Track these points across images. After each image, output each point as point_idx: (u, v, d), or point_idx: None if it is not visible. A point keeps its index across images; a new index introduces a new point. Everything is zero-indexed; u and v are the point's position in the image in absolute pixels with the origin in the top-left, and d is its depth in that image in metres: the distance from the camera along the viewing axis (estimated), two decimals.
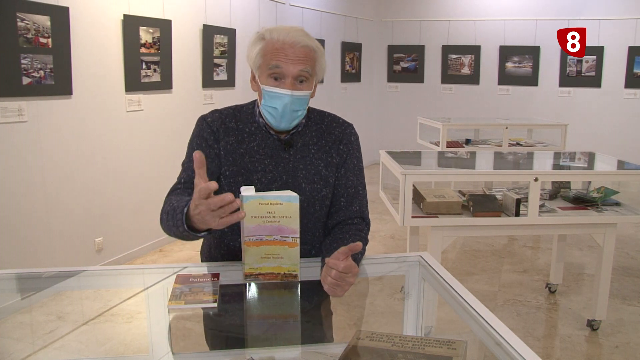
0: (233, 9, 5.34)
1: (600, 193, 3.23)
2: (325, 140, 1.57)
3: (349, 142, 1.59)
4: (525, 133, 6.37)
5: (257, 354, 1.34)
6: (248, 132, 1.53)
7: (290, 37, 1.42)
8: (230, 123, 1.53)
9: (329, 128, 1.59)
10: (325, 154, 1.56)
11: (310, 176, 1.53)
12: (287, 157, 1.52)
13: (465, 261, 4.40)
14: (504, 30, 7.86)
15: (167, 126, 4.58)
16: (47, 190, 3.59)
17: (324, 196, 1.54)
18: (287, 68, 1.41)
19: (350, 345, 1.24)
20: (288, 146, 1.53)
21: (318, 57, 1.47)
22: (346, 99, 8.09)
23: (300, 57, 1.42)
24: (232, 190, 1.49)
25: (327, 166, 1.55)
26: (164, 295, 1.41)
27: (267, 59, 1.43)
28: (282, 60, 1.41)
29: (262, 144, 1.52)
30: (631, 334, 3.20)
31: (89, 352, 2.84)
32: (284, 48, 1.41)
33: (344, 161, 1.57)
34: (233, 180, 1.50)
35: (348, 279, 1.30)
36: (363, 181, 1.61)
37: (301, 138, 1.55)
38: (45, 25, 3.42)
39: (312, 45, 1.45)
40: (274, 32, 1.44)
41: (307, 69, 1.44)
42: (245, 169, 1.50)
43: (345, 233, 1.51)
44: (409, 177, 2.87)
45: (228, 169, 1.50)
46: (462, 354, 1.17)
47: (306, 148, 1.54)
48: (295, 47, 1.42)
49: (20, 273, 1.59)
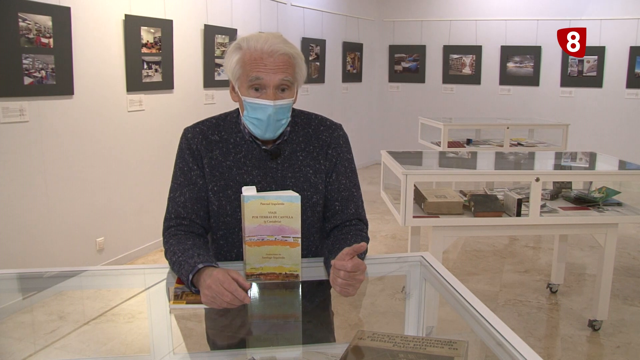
0: (234, 9, 5.34)
1: (601, 193, 3.22)
2: (313, 145, 1.54)
3: (338, 145, 1.56)
4: (527, 133, 6.37)
5: (258, 354, 1.34)
6: (233, 143, 1.51)
7: (268, 46, 1.39)
8: (213, 136, 1.51)
9: (317, 132, 1.56)
10: (314, 160, 1.53)
11: (299, 184, 1.51)
12: (274, 167, 1.50)
13: (467, 261, 4.40)
14: (505, 30, 7.86)
15: (168, 126, 4.59)
16: (49, 190, 3.59)
17: (315, 203, 1.53)
18: (268, 78, 1.39)
19: (351, 345, 1.24)
20: (275, 156, 1.50)
21: (298, 63, 1.44)
22: (347, 99, 8.09)
23: (279, 65, 1.39)
24: (223, 203, 1.49)
25: (316, 173, 1.53)
26: (165, 295, 1.41)
27: (246, 69, 1.40)
28: (262, 71, 1.39)
29: (249, 154, 1.50)
30: (632, 335, 3.19)
31: (90, 352, 2.85)
32: (262, 58, 1.39)
33: (334, 165, 1.55)
34: (222, 195, 1.49)
35: (358, 276, 1.29)
36: (356, 182, 1.59)
37: (288, 146, 1.52)
38: (47, 25, 3.42)
39: (291, 52, 1.42)
40: (251, 40, 1.41)
41: (287, 78, 1.41)
42: (233, 181, 1.48)
43: (346, 234, 1.50)
44: (410, 177, 2.87)
45: (216, 184, 1.49)
46: (464, 354, 1.17)
47: (294, 156, 1.52)
48: (274, 56, 1.39)
49: (21, 273, 1.59)
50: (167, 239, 1.47)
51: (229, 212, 1.49)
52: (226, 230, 1.52)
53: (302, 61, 1.46)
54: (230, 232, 1.51)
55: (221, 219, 1.50)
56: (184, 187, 1.49)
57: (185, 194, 1.48)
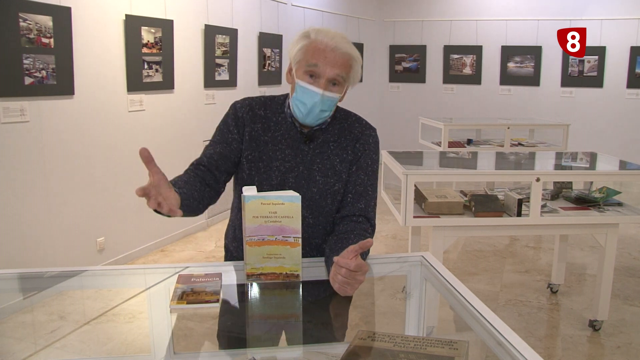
0: (235, 9, 5.34)
1: (602, 193, 3.22)
2: (345, 137, 1.62)
3: (367, 142, 1.63)
4: (527, 133, 6.37)
5: (259, 354, 1.34)
6: (275, 121, 1.60)
7: (333, 42, 1.48)
8: (259, 111, 1.60)
9: (351, 127, 1.65)
10: (342, 150, 1.61)
11: (325, 170, 1.58)
12: (306, 150, 1.58)
13: (467, 261, 4.40)
14: (506, 30, 7.86)
15: (168, 126, 4.59)
16: (49, 190, 3.59)
17: (336, 191, 1.58)
18: (324, 69, 1.48)
19: (352, 345, 1.24)
20: (309, 140, 1.58)
21: (354, 65, 1.54)
22: (348, 99, 7.96)
23: (338, 61, 1.49)
24: (252, 173, 1.57)
25: (341, 162, 1.60)
26: (165, 295, 1.41)
27: (307, 56, 1.50)
28: (321, 61, 1.48)
29: (286, 134, 1.58)
30: (633, 335, 3.19)
31: (90, 352, 2.85)
32: (325, 50, 1.48)
33: (357, 159, 1.61)
34: (254, 165, 1.57)
35: (358, 277, 1.30)
36: (374, 183, 1.64)
37: (323, 134, 1.60)
38: (48, 26, 3.42)
39: (352, 54, 1.51)
40: (320, 33, 1.51)
41: (342, 74, 1.50)
42: (266, 155, 1.57)
43: (349, 233, 1.51)
44: (411, 177, 2.87)
45: (250, 154, 1.57)
46: (464, 354, 1.17)
47: (326, 144, 1.60)
48: (336, 52, 1.48)
49: (22, 273, 1.59)
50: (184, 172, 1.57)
51: (256, 183, 1.56)
52: None
53: (359, 66, 1.56)
54: None
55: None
56: (217, 143, 1.59)
57: (216, 148, 1.58)
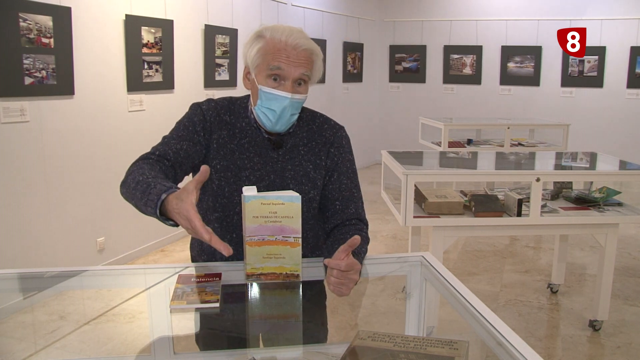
0: (235, 9, 5.34)
1: (602, 193, 3.22)
2: (316, 142, 1.55)
3: (340, 145, 1.58)
4: (527, 133, 6.37)
5: (259, 354, 1.34)
6: (240, 127, 1.52)
7: (292, 39, 1.40)
8: (225, 116, 1.52)
9: (320, 130, 1.57)
10: (315, 156, 1.54)
11: (298, 177, 1.52)
12: (275, 157, 1.52)
13: (467, 261, 4.40)
14: (506, 30, 7.85)
15: (169, 126, 4.55)
16: (49, 190, 3.59)
17: (311, 198, 1.54)
18: (289, 70, 1.40)
19: (351, 345, 1.23)
20: (277, 146, 1.52)
21: (316, 60, 1.46)
22: (348, 99, 8.09)
23: (301, 59, 1.41)
24: (222, 184, 1.49)
25: (315, 168, 1.54)
26: (165, 295, 1.41)
27: (267, 58, 1.41)
28: (284, 62, 1.39)
29: (252, 141, 1.51)
30: (633, 335, 3.19)
31: (90, 352, 2.85)
32: (285, 49, 1.39)
33: (335, 165, 1.56)
34: (223, 175, 1.49)
35: (351, 276, 1.28)
36: (357, 183, 1.60)
37: (291, 139, 1.54)
38: (48, 26, 3.42)
39: (313, 49, 1.43)
40: (275, 31, 1.42)
41: (307, 72, 1.42)
42: (234, 164, 1.49)
43: (345, 234, 1.50)
44: (411, 177, 2.87)
45: (219, 163, 1.49)
46: (464, 354, 1.17)
47: (295, 149, 1.53)
48: (298, 50, 1.40)
49: (22, 273, 1.59)
50: (139, 160, 1.41)
51: (226, 194, 1.50)
52: (222, 213, 1.52)
53: (321, 60, 1.47)
54: (226, 215, 1.52)
55: (218, 200, 1.51)
56: (183, 140, 1.47)
57: (182, 144, 1.46)
